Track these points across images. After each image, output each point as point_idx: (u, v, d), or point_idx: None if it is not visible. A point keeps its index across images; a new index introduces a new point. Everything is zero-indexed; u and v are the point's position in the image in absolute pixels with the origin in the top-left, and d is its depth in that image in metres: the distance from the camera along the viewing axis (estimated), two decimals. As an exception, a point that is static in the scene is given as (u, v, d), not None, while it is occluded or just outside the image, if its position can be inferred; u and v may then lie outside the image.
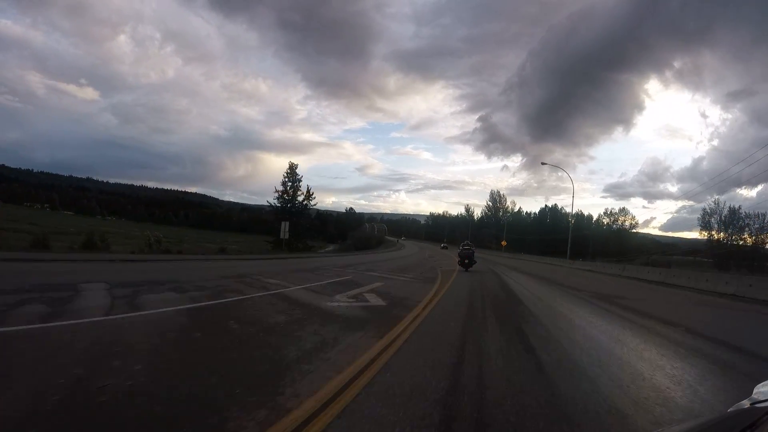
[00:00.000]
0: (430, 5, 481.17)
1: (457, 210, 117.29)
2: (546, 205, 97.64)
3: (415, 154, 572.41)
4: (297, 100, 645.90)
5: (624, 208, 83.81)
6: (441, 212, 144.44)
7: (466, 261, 17.71)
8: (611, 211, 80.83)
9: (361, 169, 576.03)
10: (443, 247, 70.78)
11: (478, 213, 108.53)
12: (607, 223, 77.84)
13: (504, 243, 52.39)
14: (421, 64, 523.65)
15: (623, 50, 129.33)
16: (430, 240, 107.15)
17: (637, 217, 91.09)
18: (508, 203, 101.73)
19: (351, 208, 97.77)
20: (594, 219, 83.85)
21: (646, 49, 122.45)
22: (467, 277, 14.53)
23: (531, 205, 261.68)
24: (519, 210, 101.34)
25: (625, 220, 76.61)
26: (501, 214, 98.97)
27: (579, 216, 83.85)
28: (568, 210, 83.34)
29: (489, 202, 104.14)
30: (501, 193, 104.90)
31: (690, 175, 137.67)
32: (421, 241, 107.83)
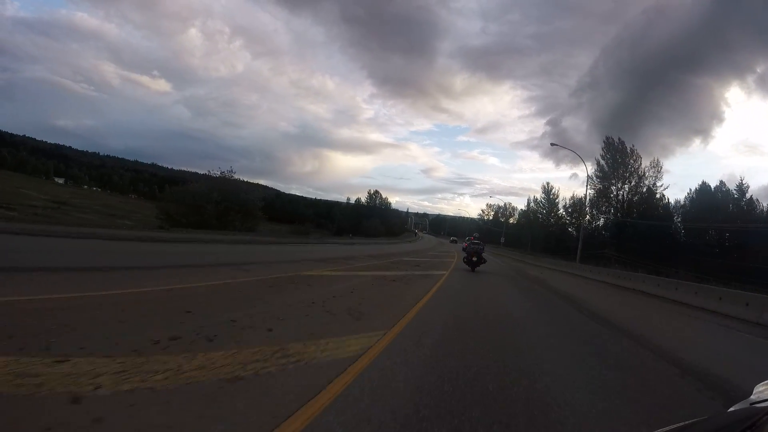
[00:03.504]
0: (498, 0, 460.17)
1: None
2: (703, 182, 42.65)
3: (481, 159, 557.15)
4: (363, 98, 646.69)
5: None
6: (502, 204, 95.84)
7: (474, 259, 15.64)
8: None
9: (426, 171, 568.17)
10: (452, 241, 71.72)
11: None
12: None
13: None
14: (488, 62, 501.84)
15: (701, 50, 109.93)
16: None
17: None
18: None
19: (377, 191, 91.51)
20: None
21: (725, 50, 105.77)
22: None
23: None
24: (648, 189, 41.54)
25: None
26: (626, 193, 42.56)
27: (751, 202, 38.21)
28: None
29: (594, 167, 43.74)
30: (628, 143, 43.59)
31: (767, 194, 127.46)
32: (448, 238, 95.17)
